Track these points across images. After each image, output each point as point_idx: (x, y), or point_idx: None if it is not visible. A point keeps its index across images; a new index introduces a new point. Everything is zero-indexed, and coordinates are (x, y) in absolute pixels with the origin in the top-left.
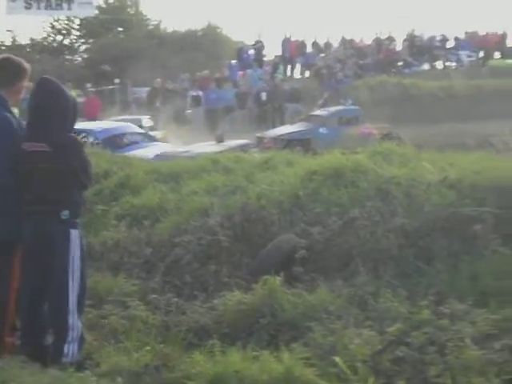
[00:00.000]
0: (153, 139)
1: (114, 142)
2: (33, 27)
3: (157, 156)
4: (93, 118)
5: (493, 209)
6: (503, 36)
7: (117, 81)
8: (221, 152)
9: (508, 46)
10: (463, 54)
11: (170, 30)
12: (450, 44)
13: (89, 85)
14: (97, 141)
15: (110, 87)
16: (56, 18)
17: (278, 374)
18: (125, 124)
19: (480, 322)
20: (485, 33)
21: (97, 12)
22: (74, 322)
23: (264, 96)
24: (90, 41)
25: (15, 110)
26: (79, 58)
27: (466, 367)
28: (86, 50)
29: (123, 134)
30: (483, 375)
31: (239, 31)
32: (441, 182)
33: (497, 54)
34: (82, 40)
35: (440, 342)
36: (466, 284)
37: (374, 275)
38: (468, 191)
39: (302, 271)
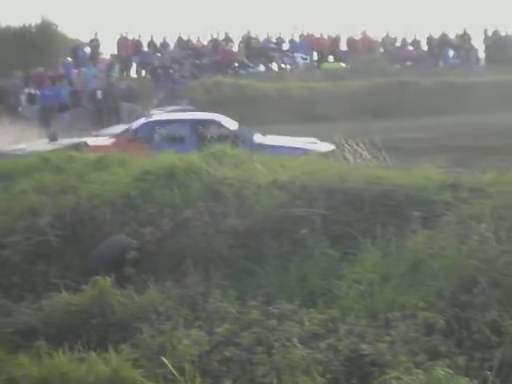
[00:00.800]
0: None
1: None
2: None
3: None
4: None
5: (322, 210)
6: (336, 39)
7: None
8: (53, 151)
9: (341, 49)
10: (298, 56)
11: (1, 25)
12: (286, 46)
13: None
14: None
15: None
16: None
17: (104, 376)
18: None
19: (307, 321)
20: (319, 36)
21: None
22: None
23: (99, 94)
24: None
25: None
26: None
27: (292, 367)
28: None
29: None
30: (309, 374)
31: (75, 29)
32: (272, 183)
33: (331, 57)
34: None
35: (268, 342)
36: (294, 284)
37: (205, 276)
38: (298, 192)
39: (133, 272)
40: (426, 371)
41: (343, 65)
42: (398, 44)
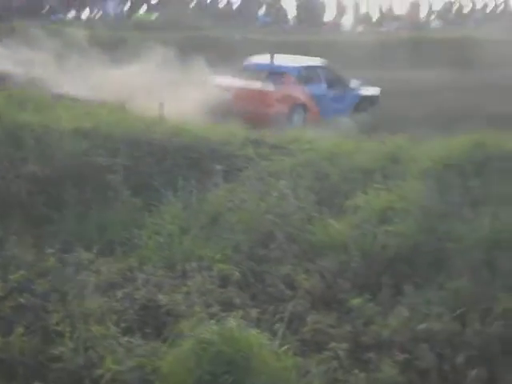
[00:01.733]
0: None
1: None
2: None
3: None
4: None
5: (125, 160)
6: None
7: None
8: None
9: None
10: (110, 4)
11: None
12: None
13: None
14: None
15: None
16: None
17: None
18: None
19: (104, 270)
20: None
21: None
22: None
23: None
24: None
25: None
26: None
27: (86, 315)
28: None
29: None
30: (102, 323)
31: None
32: (75, 130)
33: (143, 7)
34: None
35: (63, 290)
36: (94, 233)
37: (2, 222)
38: (102, 141)
39: None
40: (220, 322)
41: (155, 15)
42: None
